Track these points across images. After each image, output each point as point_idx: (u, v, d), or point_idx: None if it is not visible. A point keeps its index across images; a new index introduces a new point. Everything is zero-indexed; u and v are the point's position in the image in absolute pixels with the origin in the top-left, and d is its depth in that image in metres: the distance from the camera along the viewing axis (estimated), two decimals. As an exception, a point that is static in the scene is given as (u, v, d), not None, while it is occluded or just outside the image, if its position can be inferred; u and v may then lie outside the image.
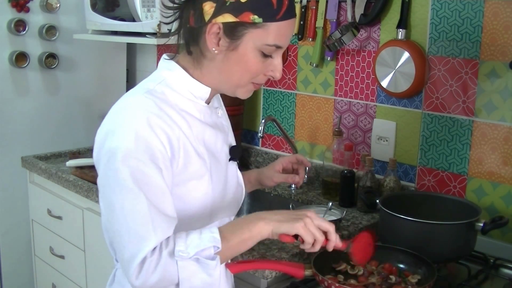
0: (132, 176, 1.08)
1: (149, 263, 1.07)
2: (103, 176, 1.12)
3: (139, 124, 1.10)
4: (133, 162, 1.08)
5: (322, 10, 2.05)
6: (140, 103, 1.14)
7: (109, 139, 1.11)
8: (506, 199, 1.68)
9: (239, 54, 1.14)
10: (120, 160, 1.08)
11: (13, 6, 2.43)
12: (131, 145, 1.08)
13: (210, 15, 1.13)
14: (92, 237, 2.15)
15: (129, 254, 1.08)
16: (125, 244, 1.09)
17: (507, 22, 1.62)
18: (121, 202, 1.09)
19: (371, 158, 1.85)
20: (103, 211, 1.15)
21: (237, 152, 1.33)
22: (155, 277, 1.08)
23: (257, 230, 1.13)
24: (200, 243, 1.09)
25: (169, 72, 1.21)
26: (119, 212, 1.09)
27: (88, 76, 2.73)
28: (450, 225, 1.46)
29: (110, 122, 1.15)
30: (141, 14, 2.22)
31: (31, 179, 2.51)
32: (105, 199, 1.13)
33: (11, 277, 2.62)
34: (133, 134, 1.09)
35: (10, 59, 2.45)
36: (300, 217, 1.14)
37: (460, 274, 1.50)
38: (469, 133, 1.74)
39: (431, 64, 1.80)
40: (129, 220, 1.08)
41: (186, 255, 1.08)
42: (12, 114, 2.51)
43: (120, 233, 1.10)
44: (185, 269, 1.08)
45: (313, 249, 1.16)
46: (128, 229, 1.08)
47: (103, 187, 1.13)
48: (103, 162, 1.12)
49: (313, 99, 2.18)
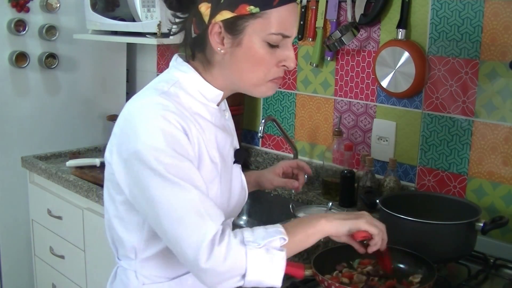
0: (169, 171, 1.07)
1: (219, 251, 1.06)
2: (137, 178, 1.10)
3: (162, 122, 1.09)
4: (166, 159, 1.07)
5: (322, 10, 2.05)
6: (158, 103, 1.12)
7: (134, 142, 1.09)
8: (506, 199, 1.68)
9: (245, 49, 1.13)
10: (153, 160, 1.07)
11: (13, 6, 2.43)
12: (159, 143, 1.07)
13: (208, 16, 1.12)
14: (92, 237, 2.15)
15: (192, 246, 1.06)
16: (184, 237, 1.07)
17: (507, 22, 1.62)
18: (167, 198, 1.07)
19: (371, 158, 1.85)
20: (148, 212, 1.12)
21: (242, 155, 1.32)
22: (226, 265, 1.07)
23: (320, 227, 1.16)
24: (266, 235, 1.10)
25: (183, 74, 1.20)
26: (168, 208, 1.07)
27: (88, 76, 2.73)
28: (450, 225, 1.46)
29: (130, 124, 1.13)
30: (141, 14, 2.22)
31: (31, 179, 2.51)
32: (149, 201, 1.10)
33: (11, 277, 2.62)
34: (159, 132, 1.08)
35: (10, 59, 2.46)
36: (358, 216, 1.20)
37: (460, 274, 1.50)
38: (469, 133, 1.74)
39: (431, 64, 1.80)
40: (181, 213, 1.07)
41: (256, 244, 1.09)
42: (12, 114, 2.51)
43: (175, 228, 1.08)
44: (255, 258, 1.08)
45: (382, 242, 1.22)
46: (184, 221, 1.07)
47: (142, 191, 1.10)
48: (132, 165, 1.10)
49: (313, 99, 2.18)
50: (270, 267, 1.09)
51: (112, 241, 1.28)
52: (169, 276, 1.24)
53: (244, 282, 1.10)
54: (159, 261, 1.22)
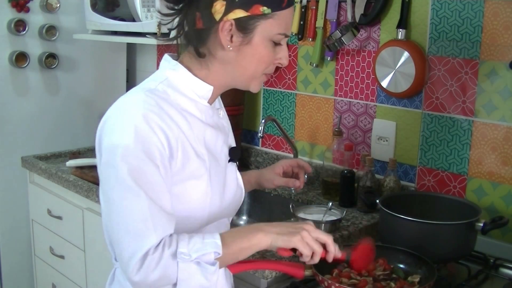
0: (130, 173, 1.08)
1: (150, 260, 1.07)
2: (103, 173, 1.13)
3: (138, 121, 1.10)
4: (132, 160, 1.08)
5: (322, 10, 2.05)
6: (141, 101, 1.14)
7: (108, 136, 1.12)
8: (506, 199, 1.68)
9: (253, 47, 1.17)
10: (119, 158, 1.09)
11: (13, 6, 2.43)
12: (130, 142, 1.09)
13: (221, 13, 1.14)
14: (92, 237, 2.15)
15: (129, 251, 1.08)
16: (124, 242, 1.09)
17: (507, 22, 1.62)
18: (121, 200, 1.09)
19: (371, 158, 1.85)
20: (103, 208, 1.15)
21: (237, 154, 1.33)
22: (155, 275, 1.08)
23: (256, 241, 1.15)
24: (202, 247, 1.10)
25: (172, 71, 1.21)
26: (118, 210, 1.09)
27: (88, 76, 2.73)
28: (450, 225, 1.46)
29: (110, 119, 1.16)
30: (141, 14, 2.22)
31: (31, 179, 2.51)
32: (105, 196, 1.13)
33: (11, 277, 2.62)
34: (132, 131, 1.09)
35: (10, 59, 2.46)
36: (297, 231, 1.16)
37: (460, 274, 1.50)
38: (469, 133, 1.74)
39: (431, 64, 1.80)
40: (128, 218, 1.09)
41: (188, 257, 1.09)
42: (12, 114, 2.51)
43: (120, 231, 1.10)
44: (185, 271, 1.09)
45: (312, 261, 1.18)
46: (128, 227, 1.09)
47: (103, 184, 1.14)
48: (103, 159, 1.12)
49: (313, 99, 2.18)
50: (201, 280, 1.11)
51: (109, 242, 1.28)
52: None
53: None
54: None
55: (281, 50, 1.21)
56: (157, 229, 1.09)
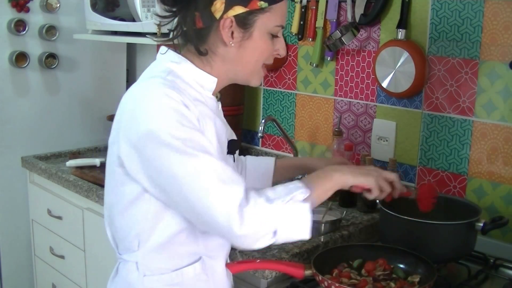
0: (186, 145, 1.10)
1: (247, 211, 1.10)
2: (155, 160, 1.12)
3: (167, 100, 1.13)
4: (181, 134, 1.11)
5: (322, 10, 2.05)
6: (157, 84, 1.17)
7: (144, 124, 1.12)
8: (506, 199, 1.68)
9: (253, 41, 1.21)
10: (167, 138, 1.10)
11: (13, 6, 2.43)
12: (170, 120, 1.11)
13: (221, 11, 1.18)
14: (92, 237, 2.15)
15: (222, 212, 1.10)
16: (213, 206, 1.10)
17: (507, 22, 1.62)
18: (188, 170, 1.10)
19: (371, 158, 1.85)
20: (169, 192, 1.14)
21: (235, 147, 1.36)
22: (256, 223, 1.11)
23: (335, 180, 1.25)
24: (288, 191, 1.16)
25: (175, 64, 1.23)
26: (191, 179, 1.10)
27: (88, 76, 2.73)
28: (450, 225, 1.46)
29: (136, 108, 1.16)
30: (141, 14, 2.22)
31: (31, 179, 2.51)
32: (168, 179, 1.12)
33: (11, 277, 2.62)
34: (166, 110, 1.12)
35: (10, 59, 2.46)
36: (369, 172, 1.29)
37: (460, 274, 1.50)
38: (469, 133, 1.74)
39: (431, 64, 1.80)
40: (205, 181, 1.10)
41: (281, 201, 1.14)
42: (12, 114, 2.51)
43: (202, 198, 1.10)
44: (282, 214, 1.14)
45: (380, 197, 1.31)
46: (209, 190, 1.10)
47: (160, 170, 1.12)
48: (148, 148, 1.12)
49: (313, 99, 2.18)
50: (297, 221, 1.16)
51: (113, 237, 1.29)
52: (171, 267, 1.25)
53: (276, 239, 1.15)
54: (162, 252, 1.23)
55: (278, 41, 1.26)
56: (236, 181, 1.13)
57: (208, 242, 1.27)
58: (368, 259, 1.40)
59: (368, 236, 1.71)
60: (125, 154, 1.16)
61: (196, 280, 1.27)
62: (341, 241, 1.62)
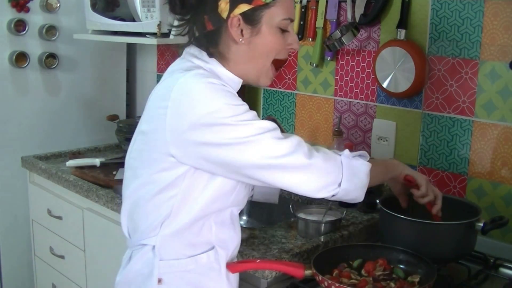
0: (236, 120, 1.16)
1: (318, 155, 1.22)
2: (210, 140, 1.17)
3: (209, 87, 1.18)
4: (229, 112, 1.16)
5: (322, 10, 2.05)
6: (195, 74, 1.21)
7: (199, 109, 1.16)
8: (506, 199, 1.68)
9: (262, 37, 1.24)
10: (218, 120, 1.15)
11: (13, 6, 2.42)
12: (218, 103, 1.16)
13: (227, 11, 1.21)
14: (92, 237, 2.15)
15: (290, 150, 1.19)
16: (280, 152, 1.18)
17: (507, 22, 1.62)
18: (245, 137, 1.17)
19: (371, 158, 1.85)
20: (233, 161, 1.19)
21: None
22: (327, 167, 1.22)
23: (395, 166, 1.41)
24: (352, 153, 1.29)
25: (204, 63, 1.26)
26: (251, 145, 1.17)
27: (88, 76, 2.73)
28: (450, 225, 1.46)
29: (182, 97, 1.18)
30: (141, 14, 2.22)
31: (31, 179, 2.51)
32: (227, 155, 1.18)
33: (11, 277, 2.62)
34: (213, 93, 1.17)
35: (10, 59, 2.45)
36: (423, 175, 1.44)
37: (460, 274, 1.50)
38: (469, 133, 1.74)
39: (431, 64, 1.80)
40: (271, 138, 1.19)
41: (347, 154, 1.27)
42: (12, 114, 2.51)
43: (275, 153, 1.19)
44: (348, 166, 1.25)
45: (424, 200, 1.43)
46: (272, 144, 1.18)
47: (221, 143, 1.17)
48: (200, 132, 1.16)
49: (313, 99, 2.18)
50: (360, 177, 1.26)
51: (132, 224, 1.31)
52: (187, 254, 1.28)
53: (339, 191, 1.23)
54: (179, 238, 1.26)
55: (289, 35, 1.28)
56: (292, 135, 1.23)
57: (220, 233, 1.30)
58: (368, 259, 1.40)
59: (368, 236, 1.71)
60: (175, 142, 1.19)
61: (209, 268, 1.30)
62: (341, 241, 1.62)
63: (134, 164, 1.30)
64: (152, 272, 1.26)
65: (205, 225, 1.28)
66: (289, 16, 1.26)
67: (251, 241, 1.59)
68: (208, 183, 1.23)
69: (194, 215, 1.25)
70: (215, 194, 1.25)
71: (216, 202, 1.26)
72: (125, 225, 1.33)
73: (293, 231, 1.68)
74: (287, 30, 1.27)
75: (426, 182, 1.42)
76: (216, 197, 1.25)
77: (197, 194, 1.24)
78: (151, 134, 1.24)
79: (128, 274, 1.32)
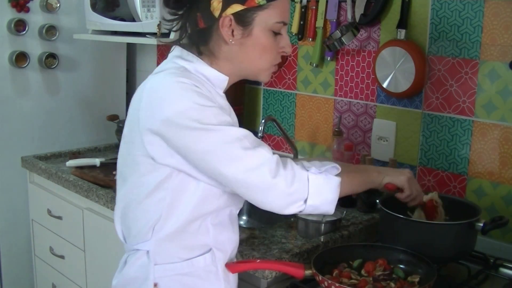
0: (204, 123, 1.14)
1: (285, 172, 1.17)
2: (177, 141, 1.16)
3: (182, 85, 1.16)
4: (197, 114, 1.14)
5: (322, 10, 2.05)
6: (169, 74, 1.20)
7: (161, 111, 1.15)
8: (506, 199, 1.68)
9: (254, 38, 1.22)
10: (185, 121, 1.14)
11: (13, 6, 2.42)
12: (186, 103, 1.14)
13: (219, 10, 1.20)
14: (92, 237, 2.15)
15: (258, 167, 1.15)
16: (247, 168, 1.15)
17: (507, 22, 1.62)
18: (214, 145, 1.14)
19: (371, 158, 1.85)
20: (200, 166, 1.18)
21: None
22: (293, 187, 1.17)
23: (373, 178, 1.33)
24: (322, 164, 1.23)
25: (187, 62, 1.25)
26: (217, 155, 1.15)
27: (88, 76, 2.73)
28: (450, 225, 1.46)
29: (152, 98, 1.18)
30: (141, 14, 2.22)
31: (31, 179, 2.51)
32: (196, 157, 1.16)
33: (11, 277, 2.62)
34: (182, 93, 1.15)
35: (10, 59, 2.45)
36: (404, 173, 1.37)
37: (460, 274, 1.50)
38: (469, 133, 1.74)
39: (431, 64, 1.80)
40: (233, 151, 1.15)
41: (316, 170, 1.21)
42: (12, 114, 2.51)
43: (234, 168, 1.15)
44: (315, 183, 1.19)
45: (412, 202, 1.41)
46: (239, 158, 1.15)
47: (185, 149, 1.16)
48: (168, 132, 1.15)
49: (313, 99, 2.18)
50: (327, 193, 1.21)
51: (125, 229, 1.31)
52: (182, 257, 1.27)
53: (305, 207, 1.19)
54: (174, 241, 1.25)
55: (282, 39, 1.26)
56: (263, 146, 1.19)
57: (218, 235, 1.29)
58: (368, 259, 1.40)
59: (368, 236, 1.72)
60: (150, 143, 1.18)
61: (205, 271, 1.29)
62: (341, 241, 1.62)
63: (122, 169, 1.30)
64: (147, 277, 1.26)
65: (202, 227, 1.26)
66: (282, 19, 1.24)
67: (251, 241, 1.59)
68: (198, 184, 1.22)
69: (186, 218, 1.23)
70: (204, 194, 1.23)
71: (208, 203, 1.24)
72: (119, 229, 1.33)
73: (293, 231, 1.68)
74: (280, 33, 1.25)
75: (408, 183, 1.36)
76: (206, 198, 1.23)
77: (186, 196, 1.22)
78: (130, 137, 1.24)
79: (123, 279, 1.31)
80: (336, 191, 1.22)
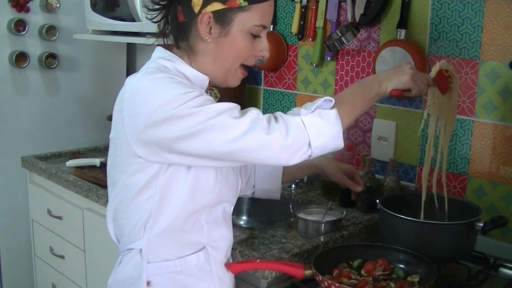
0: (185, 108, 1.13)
1: (278, 126, 1.14)
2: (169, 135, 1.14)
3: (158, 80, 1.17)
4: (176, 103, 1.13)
5: (322, 10, 2.05)
6: (147, 73, 1.20)
7: (148, 110, 1.14)
8: (506, 199, 1.68)
9: (230, 39, 1.21)
10: (167, 114, 1.13)
11: (13, 6, 2.43)
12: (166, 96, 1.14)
13: (199, 6, 1.19)
14: (92, 237, 2.15)
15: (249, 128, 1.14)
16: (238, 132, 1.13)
17: (507, 22, 1.62)
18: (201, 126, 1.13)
19: (371, 158, 1.85)
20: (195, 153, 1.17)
21: None
22: (290, 137, 1.14)
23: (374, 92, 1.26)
24: (312, 103, 1.21)
25: (169, 62, 1.25)
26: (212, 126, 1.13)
27: (88, 76, 2.73)
28: (450, 225, 1.46)
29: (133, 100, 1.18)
30: (141, 14, 2.22)
31: (31, 179, 2.51)
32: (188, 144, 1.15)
33: (11, 277, 2.62)
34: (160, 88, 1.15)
35: (10, 59, 2.46)
36: (405, 71, 1.28)
37: (460, 274, 1.50)
38: (469, 133, 1.74)
39: (431, 64, 1.80)
40: (221, 121, 1.13)
41: (307, 111, 1.18)
42: (12, 114, 2.51)
43: (226, 134, 1.13)
44: (312, 123, 1.16)
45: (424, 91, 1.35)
46: (228, 125, 1.14)
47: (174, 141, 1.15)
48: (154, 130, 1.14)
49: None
50: (329, 128, 1.17)
51: (118, 230, 1.31)
52: (175, 255, 1.27)
53: (312, 151, 1.17)
54: (166, 239, 1.25)
55: (260, 42, 1.25)
56: (248, 111, 1.17)
57: (212, 232, 1.29)
58: (368, 259, 1.40)
59: (368, 236, 1.71)
60: (135, 142, 1.18)
61: (199, 269, 1.29)
62: (341, 241, 1.62)
63: (111, 171, 1.30)
64: (140, 275, 1.26)
65: (196, 225, 1.27)
66: (262, 23, 1.22)
67: (251, 241, 1.59)
68: (185, 180, 1.22)
69: (177, 214, 1.23)
70: (193, 189, 1.23)
71: (198, 198, 1.24)
72: (112, 231, 1.33)
73: (293, 231, 1.68)
74: (260, 36, 1.24)
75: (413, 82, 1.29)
76: (195, 193, 1.23)
77: (175, 192, 1.22)
78: (116, 139, 1.25)
79: (117, 278, 1.32)
80: (336, 123, 1.18)
